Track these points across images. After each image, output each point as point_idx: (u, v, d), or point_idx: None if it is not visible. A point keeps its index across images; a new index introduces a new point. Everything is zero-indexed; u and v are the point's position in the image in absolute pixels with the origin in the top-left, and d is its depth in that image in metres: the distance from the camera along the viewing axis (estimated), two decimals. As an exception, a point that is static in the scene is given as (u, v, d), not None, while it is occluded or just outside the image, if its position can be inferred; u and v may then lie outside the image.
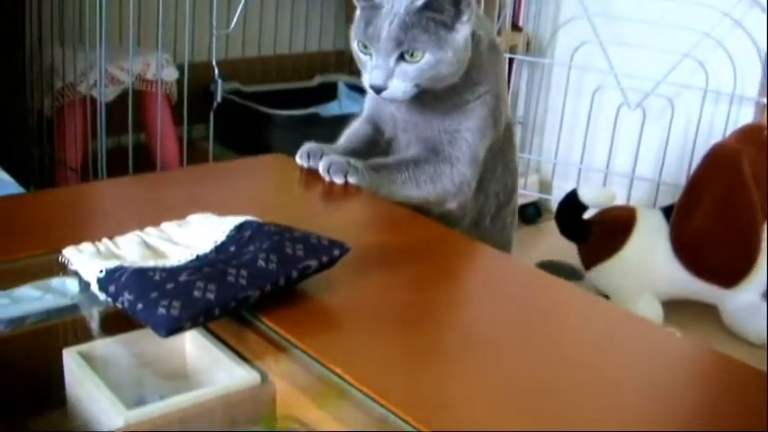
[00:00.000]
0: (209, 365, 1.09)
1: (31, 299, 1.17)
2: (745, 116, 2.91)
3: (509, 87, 3.43)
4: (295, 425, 1.00)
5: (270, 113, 3.26)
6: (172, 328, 0.98)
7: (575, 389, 0.99)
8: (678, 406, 1.00)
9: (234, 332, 1.08)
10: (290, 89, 3.77)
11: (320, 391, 0.99)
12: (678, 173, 3.06)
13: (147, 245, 1.13)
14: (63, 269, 1.18)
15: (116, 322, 1.15)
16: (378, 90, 1.45)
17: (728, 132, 2.81)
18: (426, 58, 1.41)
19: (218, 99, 2.67)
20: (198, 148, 2.92)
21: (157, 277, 1.02)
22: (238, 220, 1.15)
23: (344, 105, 3.80)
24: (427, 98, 1.50)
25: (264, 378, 1.03)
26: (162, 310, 0.98)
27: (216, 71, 2.62)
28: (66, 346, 1.09)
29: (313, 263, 1.09)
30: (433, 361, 1.02)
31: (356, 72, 4.04)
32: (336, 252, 1.12)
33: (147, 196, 1.44)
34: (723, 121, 2.94)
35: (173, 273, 1.03)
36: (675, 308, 2.66)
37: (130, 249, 1.11)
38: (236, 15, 2.60)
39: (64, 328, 1.17)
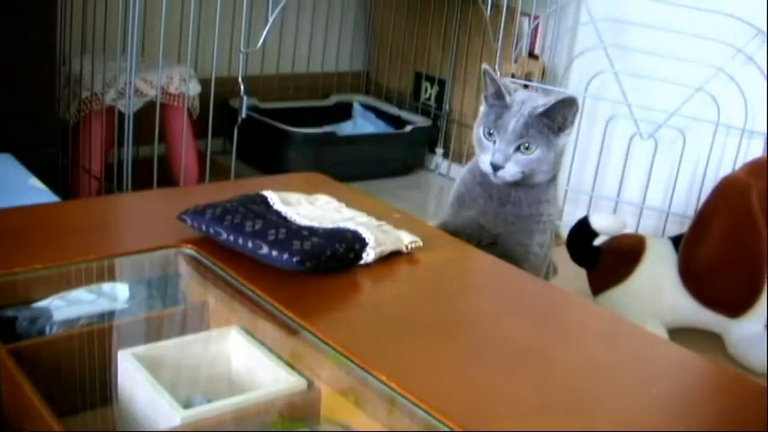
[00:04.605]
0: (254, 370, 1.14)
1: (84, 302, 1.23)
2: (755, 150, 2.96)
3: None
4: (338, 429, 1.05)
5: (288, 131, 3.32)
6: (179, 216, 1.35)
7: (598, 400, 1.05)
8: (698, 422, 1.06)
9: (278, 339, 1.14)
10: (306, 107, 3.83)
11: (364, 397, 1.05)
12: (687, 203, 3.11)
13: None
14: (113, 275, 1.24)
15: (162, 327, 1.21)
16: (496, 168, 1.71)
17: (738, 165, 2.87)
18: (537, 153, 1.71)
19: (243, 115, 2.72)
20: (215, 162, 2.97)
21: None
22: (349, 228, 1.34)
23: (359, 125, 3.87)
24: (519, 190, 1.76)
25: (310, 383, 1.08)
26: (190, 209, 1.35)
27: (242, 88, 2.67)
28: (115, 347, 1.15)
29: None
30: (471, 369, 1.08)
31: (371, 92, 4.08)
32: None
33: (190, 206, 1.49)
34: (733, 155, 2.99)
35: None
36: (681, 336, 2.70)
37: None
38: (264, 34, 2.65)
39: (112, 330, 1.22)
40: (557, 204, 1.93)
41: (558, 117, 1.71)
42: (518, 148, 1.71)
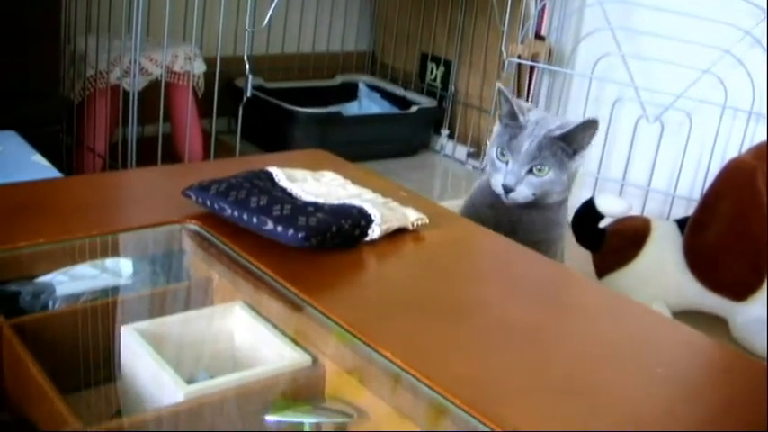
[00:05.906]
0: (258, 346, 1.14)
1: (87, 277, 1.22)
2: (762, 133, 2.94)
3: (529, 95, 3.48)
4: (342, 406, 1.05)
5: (293, 110, 3.31)
6: (183, 192, 1.35)
7: (603, 380, 1.04)
8: (701, 401, 1.05)
9: (283, 315, 1.13)
10: (312, 87, 3.82)
11: (368, 374, 1.04)
12: (693, 186, 3.10)
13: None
14: (117, 250, 1.23)
15: (166, 302, 1.20)
16: (507, 190, 1.71)
17: (745, 148, 2.85)
18: (549, 175, 1.71)
19: (248, 94, 2.71)
20: (220, 142, 2.96)
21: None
22: (354, 204, 1.34)
23: (364, 105, 3.86)
24: (531, 213, 1.78)
25: (314, 360, 1.08)
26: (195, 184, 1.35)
27: (247, 67, 2.66)
28: (117, 323, 1.14)
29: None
30: (476, 346, 1.07)
31: (377, 73, 4.07)
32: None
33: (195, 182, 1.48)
34: (740, 138, 2.98)
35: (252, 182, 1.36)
36: (686, 319, 2.69)
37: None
38: (270, 13, 2.64)
39: (115, 305, 1.22)
40: (566, 224, 1.95)
41: (575, 140, 1.71)
42: (531, 170, 1.70)
